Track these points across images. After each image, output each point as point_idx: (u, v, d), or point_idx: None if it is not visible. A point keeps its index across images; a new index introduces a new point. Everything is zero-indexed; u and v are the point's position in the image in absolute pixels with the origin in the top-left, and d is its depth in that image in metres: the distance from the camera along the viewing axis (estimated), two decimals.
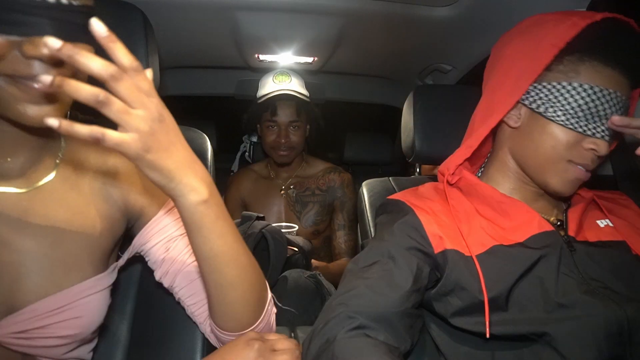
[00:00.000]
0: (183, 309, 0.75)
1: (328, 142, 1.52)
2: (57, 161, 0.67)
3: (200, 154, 0.95)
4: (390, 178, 1.15)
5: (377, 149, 2.43)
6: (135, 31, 0.91)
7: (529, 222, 0.77)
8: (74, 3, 0.51)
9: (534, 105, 0.77)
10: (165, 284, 0.74)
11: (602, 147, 0.72)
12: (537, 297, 0.70)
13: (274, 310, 0.75)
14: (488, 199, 0.81)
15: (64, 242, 0.64)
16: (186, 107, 2.59)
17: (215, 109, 2.60)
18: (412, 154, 1.15)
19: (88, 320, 0.64)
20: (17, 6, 0.47)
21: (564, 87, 0.74)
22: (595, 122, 0.73)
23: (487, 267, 0.73)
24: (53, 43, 0.43)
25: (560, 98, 0.74)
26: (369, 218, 1.07)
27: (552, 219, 0.82)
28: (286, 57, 1.71)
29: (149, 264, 0.75)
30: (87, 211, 0.68)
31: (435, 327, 0.81)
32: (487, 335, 0.69)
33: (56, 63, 0.52)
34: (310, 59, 1.74)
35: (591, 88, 0.72)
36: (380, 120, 2.74)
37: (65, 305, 0.61)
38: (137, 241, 0.74)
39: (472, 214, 0.81)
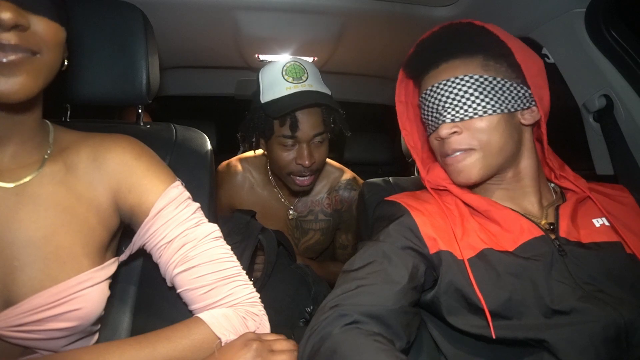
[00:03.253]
0: (184, 303, 0.75)
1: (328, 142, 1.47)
2: (46, 156, 0.67)
3: (200, 154, 0.95)
4: (390, 178, 1.15)
5: (377, 149, 2.43)
6: (135, 31, 0.92)
7: (518, 229, 0.77)
8: None
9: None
10: (167, 283, 0.75)
11: (440, 131, 0.81)
12: (532, 304, 0.70)
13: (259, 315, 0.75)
14: (476, 207, 0.82)
15: (55, 235, 0.64)
16: (186, 107, 2.59)
17: (215, 109, 2.60)
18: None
19: (86, 312, 0.64)
20: None
21: (420, 107, 0.88)
22: (437, 115, 0.82)
23: (479, 273, 0.73)
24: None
25: (422, 117, 0.88)
26: (369, 218, 1.07)
27: (542, 222, 0.81)
28: (286, 58, 1.70)
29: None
30: (77, 206, 0.68)
31: (435, 328, 0.81)
32: (494, 336, 0.69)
33: (20, 28, 0.54)
34: (310, 59, 1.74)
35: (424, 93, 0.85)
36: (380, 120, 2.75)
37: (62, 298, 0.61)
38: (136, 241, 0.74)
39: (467, 218, 0.81)
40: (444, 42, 0.83)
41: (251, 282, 0.77)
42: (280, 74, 1.27)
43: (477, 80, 0.79)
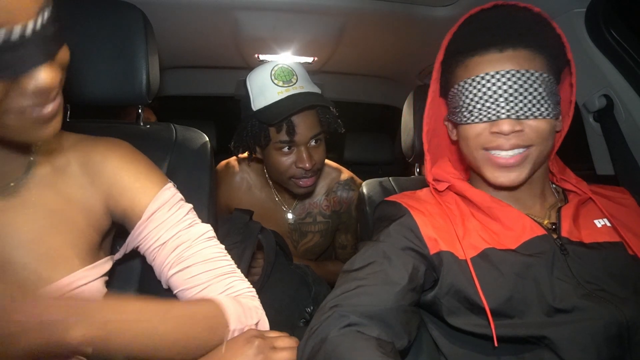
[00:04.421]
0: None
1: (328, 142, 1.45)
2: (32, 158, 0.67)
3: (200, 154, 0.95)
4: (390, 178, 1.15)
5: (377, 149, 2.44)
6: (135, 31, 0.92)
7: (521, 227, 0.77)
8: (45, 19, 0.51)
9: (451, 117, 0.82)
10: (163, 285, 0.75)
11: (502, 126, 0.73)
12: (534, 302, 0.70)
13: (256, 315, 0.74)
14: (479, 204, 0.81)
15: (46, 237, 0.64)
16: (186, 107, 2.59)
17: (215, 109, 2.60)
18: (412, 154, 1.15)
19: None
20: (4, 48, 0.47)
21: (459, 88, 0.79)
22: (494, 106, 0.74)
23: (481, 272, 0.73)
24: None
25: (459, 100, 0.79)
26: (369, 218, 1.07)
27: (545, 222, 0.81)
28: (286, 57, 1.70)
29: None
30: (66, 208, 0.68)
31: (436, 328, 0.81)
32: (496, 344, 0.68)
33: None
34: (310, 59, 1.74)
35: (478, 77, 0.75)
36: (380, 120, 2.75)
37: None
38: (129, 242, 0.74)
39: (468, 217, 0.81)
40: (515, 25, 0.75)
41: (247, 280, 0.77)
42: (269, 78, 1.23)
43: (545, 79, 0.74)
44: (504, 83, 0.73)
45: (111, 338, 0.55)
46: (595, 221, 0.81)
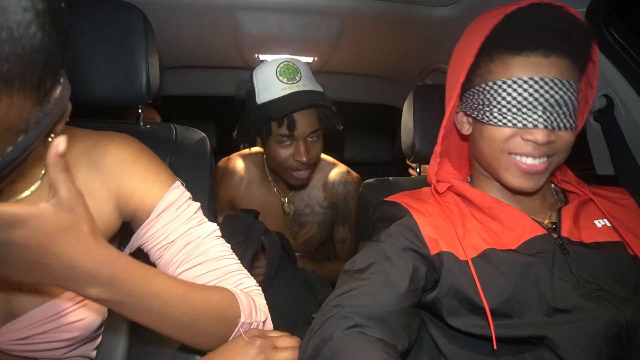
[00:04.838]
0: None
1: (328, 142, 1.46)
2: (43, 172, 0.64)
3: (200, 154, 0.95)
4: (390, 178, 1.15)
5: (377, 149, 2.44)
6: (135, 31, 0.92)
7: (521, 227, 0.77)
8: None
9: (473, 113, 0.79)
10: None
11: (537, 136, 0.71)
12: (534, 302, 0.70)
13: (261, 320, 0.73)
14: (479, 205, 0.81)
15: None
16: (186, 107, 2.59)
17: (215, 109, 2.60)
18: (412, 154, 1.15)
19: (89, 322, 0.64)
20: None
21: (494, 86, 0.74)
22: (530, 113, 0.71)
23: (482, 272, 0.73)
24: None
25: (492, 99, 0.74)
26: (369, 218, 1.07)
27: (545, 221, 0.81)
28: (279, 57, 1.69)
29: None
30: None
31: (436, 328, 0.81)
32: (495, 347, 0.68)
33: None
34: (310, 59, 1.74)
35: (521, 79, 0.71)
36: (380, 120, 2.75)
37: (64, 310, 0.61)
38: (134, 241, 0.73)
39: (468, 217, 0.81)
40: (563, 31, 0.72)
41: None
42: (274, 74, 1.29)
43: (578, 90, 0.73)
44: (546, 91, 0.70)
45: (125, 304, 0.56)
46: (596, 221, 0.81)
